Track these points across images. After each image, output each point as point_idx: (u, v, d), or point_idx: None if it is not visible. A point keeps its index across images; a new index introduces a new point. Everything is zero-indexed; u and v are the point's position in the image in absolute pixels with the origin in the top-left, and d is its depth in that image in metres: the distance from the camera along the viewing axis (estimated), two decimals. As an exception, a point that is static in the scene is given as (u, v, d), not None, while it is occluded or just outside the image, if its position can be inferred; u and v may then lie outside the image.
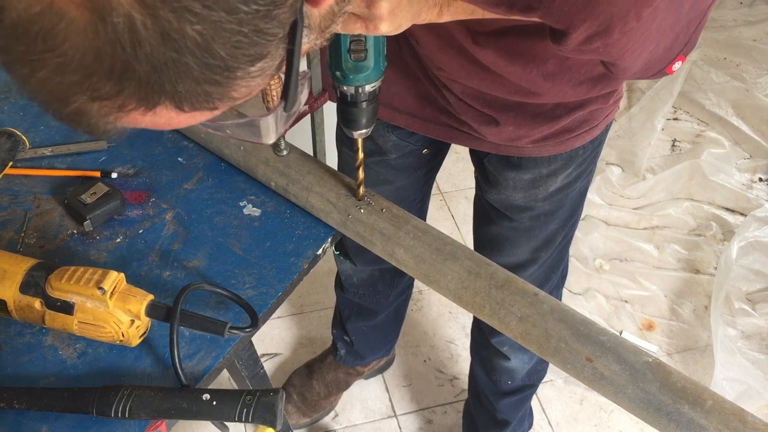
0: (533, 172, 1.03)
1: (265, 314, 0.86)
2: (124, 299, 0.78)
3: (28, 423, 0.76)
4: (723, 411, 0.69)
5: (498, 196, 1.10)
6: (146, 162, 1.02)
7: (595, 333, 0.76)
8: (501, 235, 1.16)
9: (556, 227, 1.14)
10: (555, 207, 1.10)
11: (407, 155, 1.19)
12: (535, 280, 1.21)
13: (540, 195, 1.07)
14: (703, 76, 2.62)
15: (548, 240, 1.16)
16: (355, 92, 0.76)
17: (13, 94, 1.11)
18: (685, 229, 2.21)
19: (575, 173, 1.06)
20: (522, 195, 1.07)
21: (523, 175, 1.04)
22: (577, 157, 1.03)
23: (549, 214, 1.11)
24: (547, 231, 1.14)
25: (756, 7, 2.98)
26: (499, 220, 1.14)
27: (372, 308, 1.57)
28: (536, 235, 1.14)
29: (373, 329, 1.64)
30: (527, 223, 1.12)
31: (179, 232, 0.94)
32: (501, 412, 1.51)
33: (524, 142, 0.98)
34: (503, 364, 1.36)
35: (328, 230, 0.94)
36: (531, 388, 1.48)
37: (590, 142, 1.03)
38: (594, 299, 2.01)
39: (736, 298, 2.00)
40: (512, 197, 1.08)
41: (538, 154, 1.00)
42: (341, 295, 1.59)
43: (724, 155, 2.40)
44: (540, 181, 1.04)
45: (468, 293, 0.82)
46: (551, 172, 1.03)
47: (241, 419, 0.73)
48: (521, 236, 1.14)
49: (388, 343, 1.75)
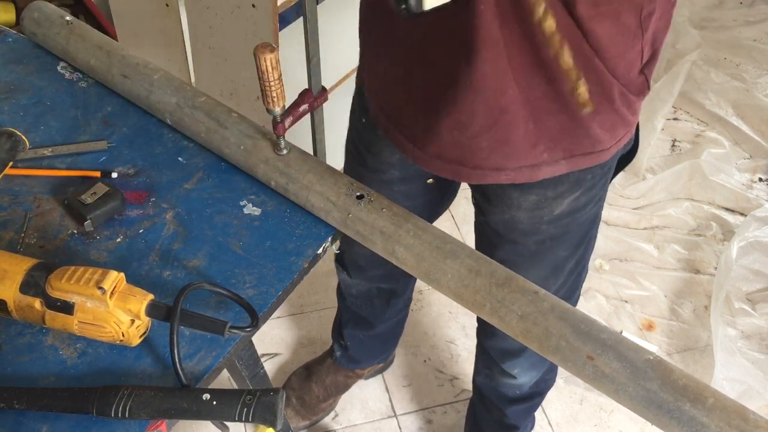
0: (538, 193, 1.00)
1: (265, 314, 0.86)
2: (124, 299, 0.78)
3: (28, 423, 0.76)
4: (724, 409, 0.69)
5: (502, 216, 1.06)
6: (146, 162, 1.02)
7: (595, 331, 0.76)
8: (506, 260, 1.07)
9: (564, 254, 1.10)
10: (561, 232, 1.06)
11: (411, 181, 1.14)
12: None
13: (545, 217, 1.03)
14: (703, 76, 2.62)
15: (556, 268, 1.11)
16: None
17: (13, 94, 1.11)
18: (685, 229, 2.21)
19: (584, 198, 1.02)
20: (526, 216, 1.03)
21: (528, 196, 1.00)
22: (585, 181, 1.00)
23: (555, 238, 1.06)
24: (555, 258, 1.10)
25: (756, 7, 2.98)
26: (503, 245, 1.10)
27: (369, 321, 1.57)
28: (543, 262, 1.10)
29: (371, 338, 1.63)
30: (533, 248, 1.07)
31: (179, 231, 0.94)
32: (509, 418, 1.48)
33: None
34: (510, 381, 1.34)
35: (329, 229, 0.94)
36: (539, 396, 1.45)
37: (599, 167, 0.99)
38: (594, 299, 2.01)
39: (736, 298, 2.00)
40: (516, 217, 1.04)
41: (549, 175, 0.96)
42: (341, 301, 1.58)
43: (724, 155, 2.40)
44: (545, 203, 1.01)
45: (468, 291, 0.82)
46: (557, 195, 1.00)
47: (241, 419, 0.73)
48: (527, 262, 1.09)
49: (385, 351, 1.74)
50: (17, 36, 1.20)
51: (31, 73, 1.14)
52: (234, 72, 1.76)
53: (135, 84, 1.05)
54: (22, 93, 1.11)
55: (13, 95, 1.10)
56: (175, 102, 1.02)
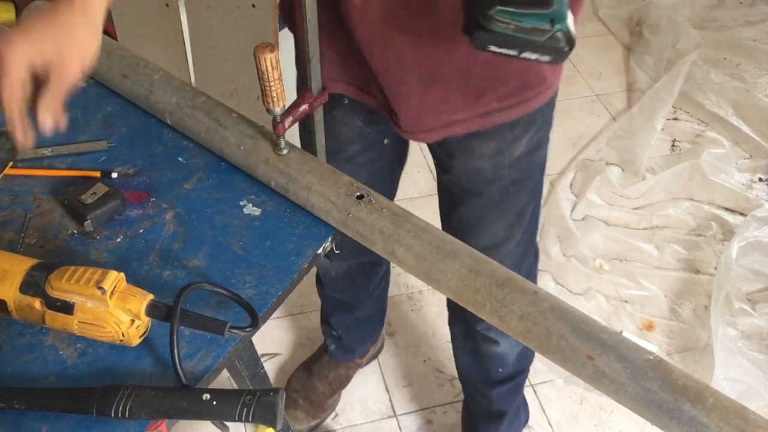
0: (498, 138, 1.05)
1: (265, 314, 0.86)
2: (124, 299, 0.77)
3: (28, 423, 0.76)
4: (724, 409, 0.69)
5: (465, 169, 1.10)
6: (146, 162, 1.02)
7: (595, 331, 0.76)
8: (472, 215, 1.16)
9: (525, 199, 1.16)
10: (522, 175, 1.12)
11: (370, 148, 1.19)
12: (513, 259, 1.22)
13: (506, 162, 1.08)
14: (703, 76, 2.62)
15: (519, 213, 1.17)
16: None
17: (12, 94, 1.10)
18: (685, 229, 2.21)
19: (536, 138, 1.09)
20: (489, 163, 1.08)
21: (488, 143, 1.06)
22: (536, 121, 1.06)
23: (517, 183, 1.12)
24: (518, 204, 1.15)
25: (756, 7, 2.98)
26: (468, 199, 1.15)
27: (352, 301, 1.58)
28: (508, 209, 1.15)
29: (358, 321, 1.64)
30: (497, 195, 1.13)
31: (179, 231, 0.94)
32: (495, 402, 1.51)
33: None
34: (493, 349, 1.37)
35: (329, 229, 0.94)
36: (522, 374, 1.48)
37: (547, 105, 1.06)
38: (594, 299, 2.01)
39: (736, 298, 2.00)
40: (480, 167, 1.09)
41: (506, 119, 1.02)
42: (321, 291, 1.60)
43: (724, 155, 2.40)
44: (504, 147, 1.06)
45: (468, 291, 0.82)
46: (515, 138, 1.06)
47: (241, 419, 0.73)
48: (492, 212, 1.15)
49: (375, 331, 1.76)
50: (17, 36, 1.20)
51: (31, 73, 1.14)
52: (234, 72, 1.76)
53: (135, 84, 1.05)
54: (22, 93, 1.11)
55: (13, 95, 1.10)
56: (175, 102, 1.02)
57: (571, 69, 2.73)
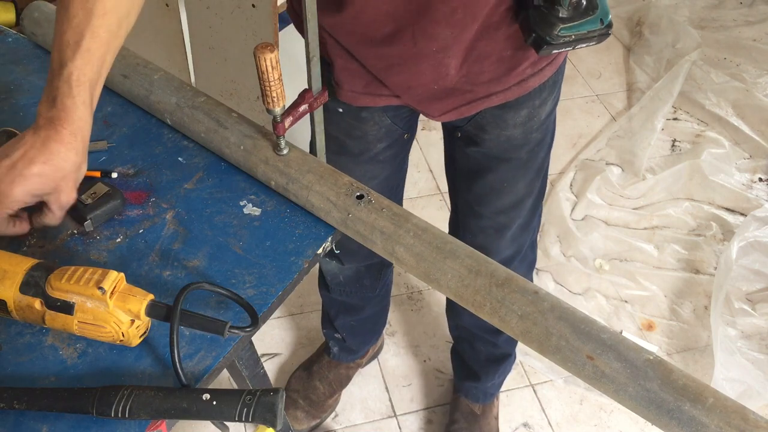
0: (528, 105, 1.08)
1: (265, 314, 0.86)
2: (124, 299, 0.77)
3: (28, 423, 0.76)
4: (724, 409, 0.69)
5: (497, 140, 1.13)
6: (146, 162, 1.02)
7: (595, 331, 0.76)
8: (498, 179, 1.19)
9: (543, 155, 1.21)
10: (544, 134, 1.16)
11: (393, 144, 1.21)
12: (529, 211, 1.27)
13: (534, 126, 1.12)
14: (703, 76, 2.62)
15: (539, 168, 1.21)
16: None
17: (13, 94, 1.11)
18: (685, 229, 2.21)
19: (556, 98, 1.14)
20: (520, 130, 1.11)
21: (520, 111, 1.09)
22: (558, 81, 1.11)
23: (540, 142, 1.16)
24: (538, 161, 1.20)
25: (756, 7, 2.98)
26: (497, 166, 1.17)
27: (358, 304, 1.58)
28: (531, 168, 1.19)
29: (361, 322, 1.65)
30: (524, 157, 1.16)
31: (179, 231, 0.94)
32: (501, 347, 1.53)
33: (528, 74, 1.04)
34: None
35: (329, 229, 0.94)
36: None
37: (563, 63, 1.11)
38: (594, 299, 2.01)
39: (736, 298, 2.00)
40: (512, 135, 1.12)
41: (538, 83, 1.06)
42: (326, 295, 1.59)
43: (724, 155, 2.40)
44: (534, 113, 1.10)
45: (468, 291, 0.82)
46: (542, 102, 1.09)
47: (241, 419, 0.73)
48: (518, 172, 1.18)
49: (377, 332, 1.77)
50: (17, 36, 1.20)
51: (31, 73, 1.14)
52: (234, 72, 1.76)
53: (135, 84, 1.05)
54: (21, 93, 1.11)
55: (13, 95, 1.10)
56: (175, 102, 1.02)
57: (571, 69, 2.74)
